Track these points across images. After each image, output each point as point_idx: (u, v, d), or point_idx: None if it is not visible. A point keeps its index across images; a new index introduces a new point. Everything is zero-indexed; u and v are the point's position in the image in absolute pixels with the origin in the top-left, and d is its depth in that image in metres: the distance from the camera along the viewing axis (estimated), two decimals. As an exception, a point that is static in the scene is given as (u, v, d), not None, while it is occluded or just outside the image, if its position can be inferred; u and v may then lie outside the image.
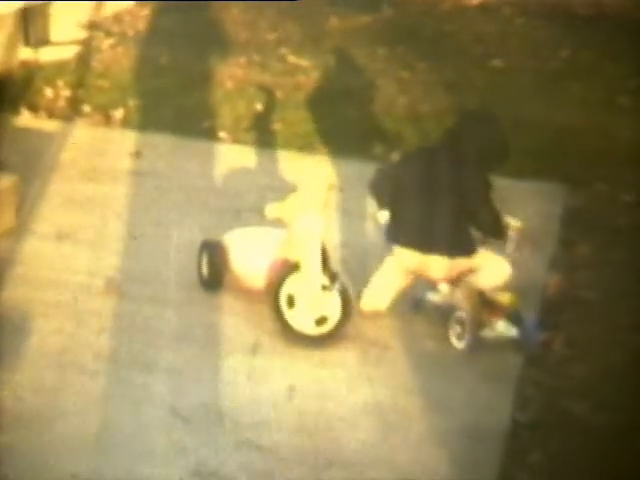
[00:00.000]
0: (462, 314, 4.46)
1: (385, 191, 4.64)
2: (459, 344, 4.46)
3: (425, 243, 4.49)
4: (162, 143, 6.36)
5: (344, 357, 4.41)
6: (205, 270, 4.85)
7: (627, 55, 7.86)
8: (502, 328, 4.47)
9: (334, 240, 5.16)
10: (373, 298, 4.67)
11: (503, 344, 4.45)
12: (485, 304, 4.49)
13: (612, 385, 4.08)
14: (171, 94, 6.96)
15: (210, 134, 6.51)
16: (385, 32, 8.44)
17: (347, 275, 4.75)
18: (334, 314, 4.51)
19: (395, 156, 5.88)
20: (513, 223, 4.57)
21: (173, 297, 4.79)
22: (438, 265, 4.51)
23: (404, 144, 6.24)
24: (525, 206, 4.78)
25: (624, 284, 4.81)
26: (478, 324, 4.43)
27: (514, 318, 4.48)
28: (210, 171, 6.08)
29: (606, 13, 8.97)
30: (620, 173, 5.97)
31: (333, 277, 4.53)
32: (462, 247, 4.51)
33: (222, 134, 6.54)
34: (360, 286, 4.68)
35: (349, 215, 5.56)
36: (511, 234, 4.54)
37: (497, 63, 7.88)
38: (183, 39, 7.86)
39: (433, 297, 4.64)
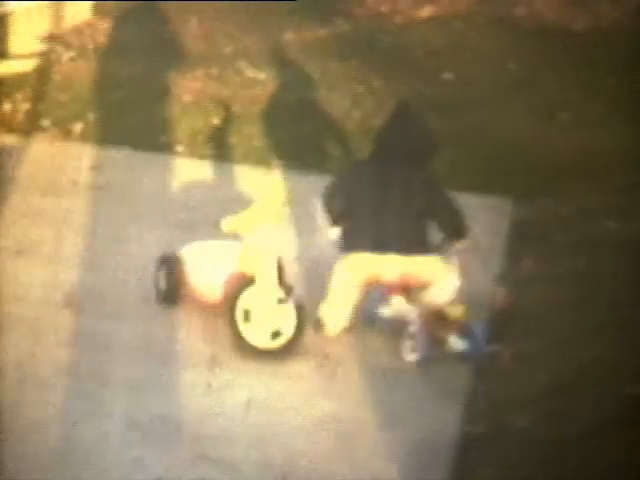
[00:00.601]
0: (414, 328, 4.47)
1: (336, 205, 4.63)
2: (411, 358, 4.47)
3: (380, 244, 4.46)
4: (121, 157, 6.32)
5: (299, 370, 4.41)
6: (162, 284, 4.83)
7: (569, 69, 7.95)
8: (454, 342, 4.48)
9: (289, 254, 5.16)
10: (334, 319, 4.63)
11: (454, 357, 4.47)
12: (438, 318, 4.51)
13: (556, 399, 4.11)
14: (130, 108, 6.90)
15: (168, 148, 6.47)
16: (340, 46, 8.45)
17: (302, 289, 4.76)
18: (289, 327, 4.51)
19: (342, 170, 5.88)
20: None
21: (131, 311, 4.76)
22: (393, 266, 4.48)
23: (358, 158, 6.25)
24: (472, 219, 4.79)
25: (567, 298, 4.83)
26: (430, 338, 4.44)
27: (465, 331, 4.49)
28: (168, 185, 6.05)
29: (548, 27, 9.07)
30: (562, 187, 6.00)
31: (288, 290, 4.53)
32: (417, 245, 4.48)
33: (180, 148, 6.51)
34: (315, 300, 4.67)
35: (304, 228, 5.55)
36: (454, 248, 4.57)
37: (448, 76, 7.92)
38: (143, 52, 7.80)
39: (385, 311, 4.65)
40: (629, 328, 4.43)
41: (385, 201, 4.51)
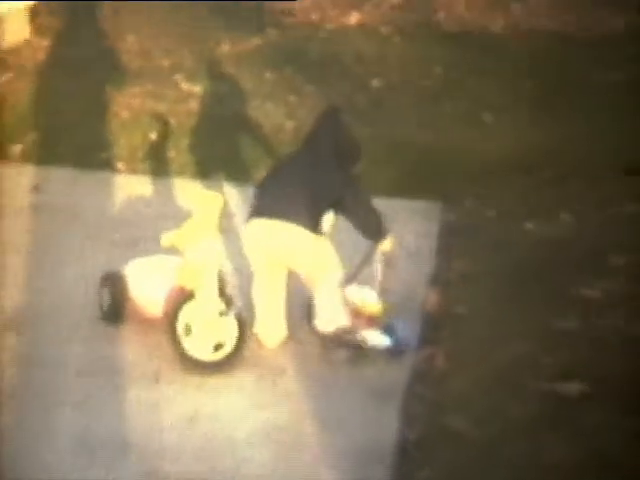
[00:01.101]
0: (339, 327, 4.38)
1: (258, 196, 4.55)
2: (340, 358, 4.38)
3: (273, 211, 4.38)
4: (61, 176, 6.13)
5: (241, 382, 4.31)
6: (106, 302, 4.69)
7: (490, 72, 7.95)
8: (375, 338, 4.39)
9: (229, 266, 5.06)
10: (272, 330, 4.55)
11: (376, 354, 4.38)
12: (359, 315, 4.43)
13: (486, 399, 4.06)
14: (69, 126, 6.72)
15: (108, 165, 6.31)
16: (272, 55, 8.35)
17: (242, 300, 4.66)
18: (231, 339, 4.41)
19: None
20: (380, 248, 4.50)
21: (75, 331, 4.61)
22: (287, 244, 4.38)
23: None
24: (403, 223, 4.73)
25: (494, 298, 4.79)
26: (353, 336, 4.36)
27: (387, 328, 4.42)
28: (109, 202, 5.89)
29: (469, 30, 9.07)
30: (486, 189, 5.97)
31: (229, 302, 4.43)
32: (308, 220, 4.37)
33: (119, 164, 6.36)
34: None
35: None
36: (378, 258, 4.49)
37: (376, 83, 7.87)
38: (81, 70, 7.62)
39: None
40: (552, 326, 4.42)
41: (295, 187, 4.42)
